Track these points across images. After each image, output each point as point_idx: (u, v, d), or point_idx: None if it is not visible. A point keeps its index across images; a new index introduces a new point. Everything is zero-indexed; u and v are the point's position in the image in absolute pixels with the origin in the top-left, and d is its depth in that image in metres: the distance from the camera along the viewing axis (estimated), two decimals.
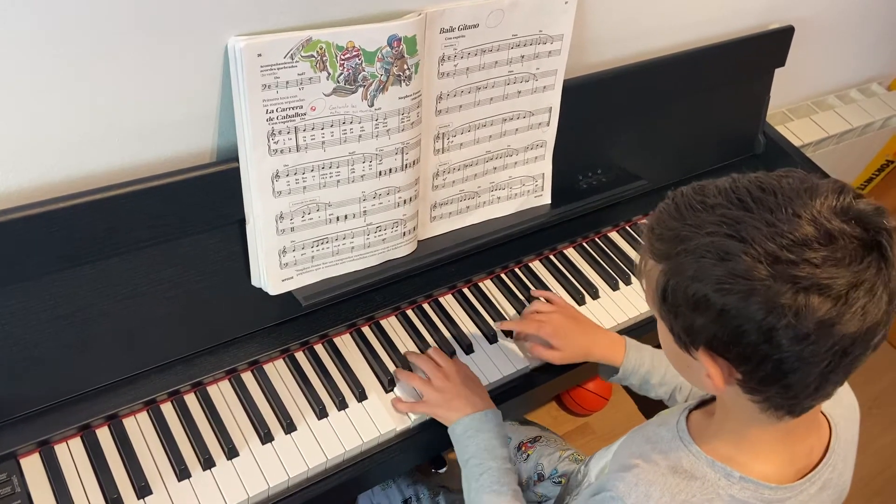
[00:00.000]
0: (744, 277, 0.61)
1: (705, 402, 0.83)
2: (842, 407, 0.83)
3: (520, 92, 1.15)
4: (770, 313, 0.61)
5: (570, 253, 1.36)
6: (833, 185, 0.64)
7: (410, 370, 1.11)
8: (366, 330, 1.15)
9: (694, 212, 0.66)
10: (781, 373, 0.64)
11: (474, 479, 0.96)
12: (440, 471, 1.45)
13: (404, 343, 1.15)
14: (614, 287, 1.31)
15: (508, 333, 1.20)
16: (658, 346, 0.90)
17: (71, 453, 0.94)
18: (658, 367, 1.09)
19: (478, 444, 0.98)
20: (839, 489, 0.80)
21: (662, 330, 0.74)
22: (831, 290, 0.59)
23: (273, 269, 1.04)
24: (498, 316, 1.21)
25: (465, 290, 1.24)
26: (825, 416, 0.80)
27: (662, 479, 0.73)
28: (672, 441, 0.77)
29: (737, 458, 0.74)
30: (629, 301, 1.30)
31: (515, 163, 1.23)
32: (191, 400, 1.02)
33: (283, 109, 0.93)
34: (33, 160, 0.88)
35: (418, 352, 1.13)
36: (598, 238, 1.40)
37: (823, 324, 0.60)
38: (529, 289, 1.27)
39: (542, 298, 1.23)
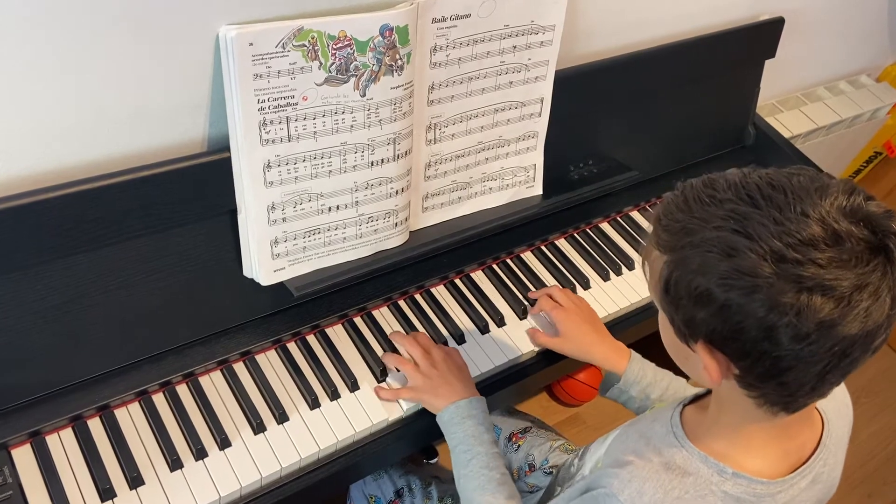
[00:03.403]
0: (748, 274, 0.61)
1: (700, 397, 0.84)
2: (835, 402, 0.83)
3: (511, 82, 1.15)
4: (772, 311, 0.61)
5: (562, 244, 1.36)
6: (844, 185, 0.64)
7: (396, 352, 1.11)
8: (358, 320, 1.15)
9: (702, 205, 0.66)
10: (779, 370, 0.64)
11: (463, 465, 0.97)
12: (431, 461, 1.46)
13: None
14: (605, 278, 1.32)
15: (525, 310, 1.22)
16: (655, 343, 0.90)
17: (63, 444, 0.93)
18: (660, 383, 1.08)
19: (465, 430, 0.99)
20: (829, 484, 0.81)
21: (663, 320, 0.74)
22: (835, 292, 0.59)
23: (265, 260, 1.04)
24: (490, 307, 1.21)
25: (457, 281, 1.25)
26: (818, 410, 0.80)
27: (656, 476, 0.73)
28: (666, 437, 0.78)
29: (730, 454, 0.74)
30: (620, 292, 1.30)
31: (507, 153, 1.23)
32: (183, 391, 1.01)
33: (275, 99, 0.93)
34: (23, 150, 0.87)
35: (404, 332, 1.13)
36: (590, 229, 1.40)
37: (824, 324, 0.60)
38: (521, 280, 1.27)
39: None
